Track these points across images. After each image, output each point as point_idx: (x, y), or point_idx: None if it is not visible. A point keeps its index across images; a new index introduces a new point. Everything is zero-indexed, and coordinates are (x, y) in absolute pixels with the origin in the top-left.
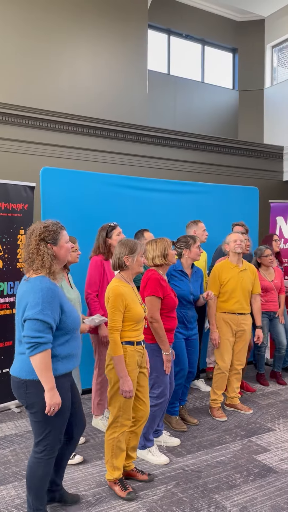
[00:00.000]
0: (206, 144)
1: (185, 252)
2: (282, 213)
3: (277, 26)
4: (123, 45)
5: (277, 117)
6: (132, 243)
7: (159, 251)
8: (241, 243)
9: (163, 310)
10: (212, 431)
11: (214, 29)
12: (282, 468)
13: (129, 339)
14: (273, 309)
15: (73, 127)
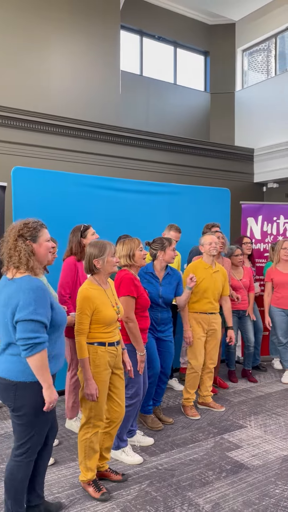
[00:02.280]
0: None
1: (160, 254)
2: (253, 214)
3: (248, 30)
4: (96, 45)
5: (247, 120)
6: (101, 244)
7: (125, 251)
8: (216, 246)
9: (137, 309)
10: (185, 429)
11: (186, 31)
12: (253, 464)
13: (101, 340)
14: (242, 308)
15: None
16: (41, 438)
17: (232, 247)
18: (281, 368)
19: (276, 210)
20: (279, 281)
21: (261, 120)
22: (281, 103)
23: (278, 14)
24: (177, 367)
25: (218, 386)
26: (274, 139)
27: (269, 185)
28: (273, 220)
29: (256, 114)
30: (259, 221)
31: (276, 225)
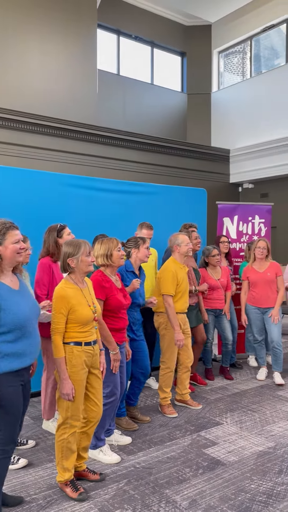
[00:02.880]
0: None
1: (134, 252)
2: (229, 214)
3: (224, 32)
4: (73, 44)
5: (223, 121)
6: (76, 243)
7: (103, 251)
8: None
9: (107, 310)
10: (163, 427)
11: (162, 32)
12: (229, 460)
13: (77, 340)
14: (219, 307)
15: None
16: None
17: (209, 248)
18: (256, 365)
19: (251, 210)
20: (254, 280)
21: (237, 122)
22: (256, 105)
23: (253, 17)
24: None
25: (198, 383)
26: (249, 140)
27: (244, 185)
28: (249, 220)
29: (232, 115)
30: (235, 221)
31: (251, 225)
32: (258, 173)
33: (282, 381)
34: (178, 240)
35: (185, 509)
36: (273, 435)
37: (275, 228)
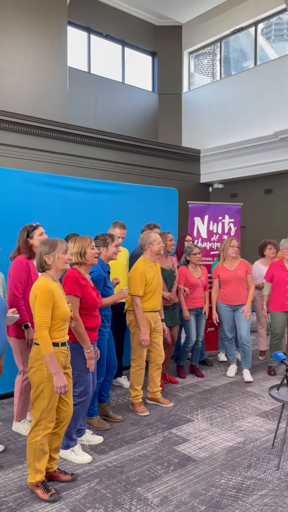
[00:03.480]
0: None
1: (103, 250)
2: (199, 214)
3: (194, 33)
4: (43, 40)
5: (194, 122)
6: (52, 241)
7: (77, 249)
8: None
9: (83, 309)
10: (135, 426)
11: (133, 31)
12: (200, 456)
13: (54, 340)
14: (200, 305)
15: None
16: None
17: (191, 246)
18: (226, 360)
19: (221, 210)
20: (225, 278)
21: (207, 122)
22: (225, 106)
23: (223, 19)
24: (127, 364)
25: (168, 382)
26: (219, 141)
27: (214, 185)
28: (219, 219)
29: (202, 116)
30: (205, 221)
31: (222, 225)
32: (227, 173)
33: (250, 379)
34: (151, 238)
35: (157, 506)
36: (242, 431)
37: (244, 228)
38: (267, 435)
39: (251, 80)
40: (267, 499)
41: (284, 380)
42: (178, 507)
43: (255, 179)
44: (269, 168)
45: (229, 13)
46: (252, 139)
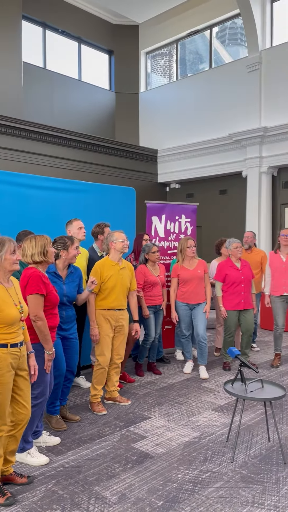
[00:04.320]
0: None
1: (63, 254)
2: (157, 213)
3: (151, 34)
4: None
5: (151, 121)
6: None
7: (39, 248)
8: (127, 243)
9: (46, 307)
10: (92, 425)
11: (90, 28)
12: (157, 453)
13: (2, 342)
14: (158, 303)
15: None
16: None
17: (149, 244)
18: (183, 359)
19: (178, 210)
20: (185, 277)
21: (164, 122)
22: (182, 107)
23: (179, 21)
24: (87, 364)
25: (126, 381)
26: (176, 141)
27: (171, 185)
28: (176, 219)
29: (159, 116)
30: (163, 220)
31: (178, 224)
32: (184, 173)
33: (206, 375)
34: (113, 237)
35: (115, 503)
36: (198, 425)
37: (200, 227)
38: (222, 429)
39: (206, 82)
40: (222, 491)
41: (238, 375)
42: (136, 504)
43: (210, 179)
44: (224, 169)
45: (185, 15)
46: (207, 140)
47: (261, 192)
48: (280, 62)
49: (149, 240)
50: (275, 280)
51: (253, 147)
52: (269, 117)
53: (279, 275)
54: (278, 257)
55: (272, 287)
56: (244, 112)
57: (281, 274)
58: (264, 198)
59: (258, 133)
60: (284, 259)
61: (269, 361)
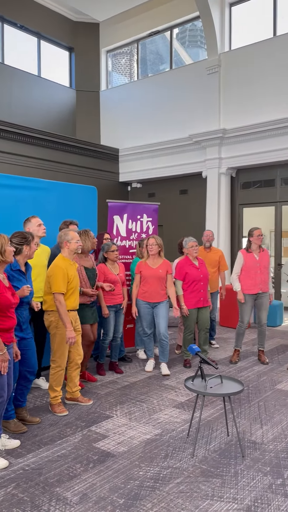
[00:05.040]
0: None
1: (26, 249)
2: (119, 213)
3: (112, 32)
4: None
5: (112, 120)
6: None
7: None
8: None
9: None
10: (53, 427)
11: (50, 24)
12: (119, 451)
13: None
14: (119, 302)
15: None
16: None
17: (109, 243)
18: (145, 357)
19: (140, 209)
20: (147, 275)
21: (126, 121)
22: (143, 107)
23: (140, 21)
24: (47, 365)
25: (87, 380)
26: (137, 141)
27: (133, 185)
28: (137, 218)
29: (120, 115)
30: (124, 219)
31: (140, 223)
32: (145, 173)
33: (168, 372)
34: (68, 236)
35: (76, 504)
36: (159, 423)
37: (162, 227)
38: (182, 425)
39: (167, 83)
40: (183, 486)
41: (199, 371)
42: (98, 503)
43: (171, 179)
44: (185, 170)
45: (146, 15)
46: (168, 140)
47: (220, 192)
48: (238, 65)
49: (109, 239)
50: (250, 279)
51: (212, 148)
52: (228, 119)
53: (254, 274)
54: (252, 256)
55: (247, 285)
56: (204, 114)
57: (256, 273)
58: (223, 199)
59: (217, 135)
60: (258, 258)
61: (228, 357)
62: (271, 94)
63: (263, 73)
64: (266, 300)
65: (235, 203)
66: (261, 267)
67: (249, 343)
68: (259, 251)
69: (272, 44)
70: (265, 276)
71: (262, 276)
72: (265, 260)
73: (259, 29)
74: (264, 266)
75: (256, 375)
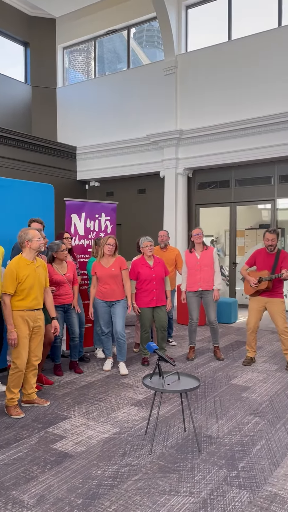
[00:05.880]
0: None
1: None
2: (76, 211)
3: (68, 29)
4: None
5: (70, 117)
6: None
7: None
8: (43, 241)
9: None
10: (9, 429)
11: (4, 18)
12: (77, 451)
13: None
14: (67, 302)
15: None
16: None
17: (58, 242)
18: (103, 357)
19: (98, 208)
20: (101, 275)
21: (83, 119)
22: (101, 105)
23: (97, 19)
24: (3, 367)
25: (44, 383)
26: (95, 139)
27: (91, 183)
28: (95, 217)
29: (78, 113)
30: (82, 218)
31: (98, 222)
32: (103, 172)
33: (126, 371)
34: (29, 235)
35: (33, 506)
36: (118, 421)
37: (120, 226)
38: (140, 422)
39: (125, 82)
40: (141, 482)
41: (156, 369)
42: (55, 504)
43: (129, 178)
44: (143, 169)
45: (104, 13)
46: (127, 140)
47: (177, 192)
48: (194, 67)
49: (70, 238)
50: (191, 277)
51: (169, 149)
52: (185, 120)
53: (195, 272)
54: (194, 255)
55: (188, 283)
56: (162, 114)
57: (196, 271)
58: (181, 198)
59: (174, 135)
60: (199, 257)
61: (185, 354)
62: (226, 97)
63: (219, 76)
64: (211, 297)
65: (192, 203)
66: (202, 265)
67: (205, 340)
68: (201, 249)
69: (227, 48)
70: (206, 274)
71: (202, 274)
72: (207, 258)
73: (214, 32)
74: (205, 264)
75: (212, 371)
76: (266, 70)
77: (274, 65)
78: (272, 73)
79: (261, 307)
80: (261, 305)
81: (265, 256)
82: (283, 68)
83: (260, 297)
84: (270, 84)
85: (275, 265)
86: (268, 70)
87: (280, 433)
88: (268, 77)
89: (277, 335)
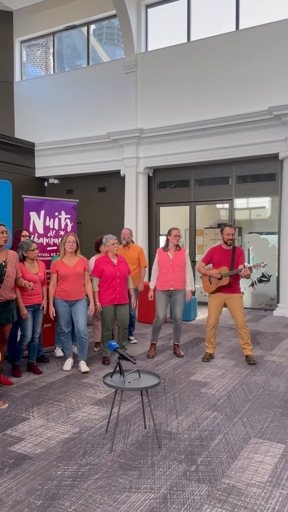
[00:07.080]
0: None
1: None
2: (35, 209)
3: (26, 23)
4: None
5: (28, 113)
6: None
7: None
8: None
9: None
10: None
11: None
12: (36, 453)
13: None
14: (37, 301)
15: None
16: None
17: (28, 242)
18: (62, 355)
19: (58, 206)
20: (65, 274)
21: (42, 115)
22: (59, 102)
23: (56, 13)
24: None
25: (3, 384)
26: (54, 136)
27: (50, 180)
28: (55, 215)
29: (36, 108)
30: (42, 216)
31: (58, 220)
32: (63, 169)
33: (87, 369)
34: None
35: None
36: (78, 421)
37: (80, 224)
38: (101, 421)
39: (84, 79)
40: (101, 481)
41: (117, 367)
42: (14, 507)
43: (90, 176)
44: (103, 167)
45: (63, 8)
46: (87, 137)
47: (138, 191)
48: (154, 67)
49: (28, 236)
50: (162, 276)
51: (130, 147)
52: (145, 119)
53: (167, 272)
54: (166, 255)
55: (159, 282)
56: (122, 112)
57: (168, 270)
58: (141, 197)
59: (135, 134)
60: (171, 257)
61: (146, 352)
62: (186, 97)
63: (178, 76)
64: (181, 297)
65: (153, 202)
66: (174, 265)
67: (165, 337)
68: (174, 250)
69: (186, 49)
70: (177, 274)
71: (174, 274)
72: (179, 259)
73: (174, 33)
74: (177, 264)
75: (172, 368)
76: (224, 73)
77: (233, 68)
78: (230, 75)
79: (221, 303)
80: (221, 301)
81: (221, 253)
82: (242, 71)
83: (220, 293)
84: (229, 86)
85: (232, 261)
86: (226, 73)
87: (237, 426)
88: (226, 80)
89: (235, 331)
